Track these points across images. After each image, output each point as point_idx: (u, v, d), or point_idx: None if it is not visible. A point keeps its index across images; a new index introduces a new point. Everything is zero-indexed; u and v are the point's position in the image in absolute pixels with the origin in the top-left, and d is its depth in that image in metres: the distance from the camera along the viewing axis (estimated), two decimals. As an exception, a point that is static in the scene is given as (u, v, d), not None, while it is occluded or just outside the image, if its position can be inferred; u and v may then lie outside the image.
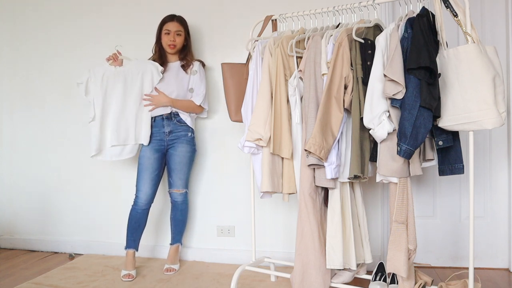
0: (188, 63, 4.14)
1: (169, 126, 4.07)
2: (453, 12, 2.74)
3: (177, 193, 4.14)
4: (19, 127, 5.01)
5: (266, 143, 3.18)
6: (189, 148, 4.13)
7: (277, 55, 3.18)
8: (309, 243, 3.07)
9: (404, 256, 2.80)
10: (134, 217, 4.05)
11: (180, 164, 4.10)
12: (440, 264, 3.99)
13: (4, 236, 5.09)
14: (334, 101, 2.92)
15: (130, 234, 4.07)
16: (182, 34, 4.10)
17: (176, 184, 4.13)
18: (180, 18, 4.12)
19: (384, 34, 2.82)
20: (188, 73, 4.14)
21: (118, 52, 4.14)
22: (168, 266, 4.10)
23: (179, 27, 4.08)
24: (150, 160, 4.02)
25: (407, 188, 2.83)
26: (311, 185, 3.04)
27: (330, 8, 3.27)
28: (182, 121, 4.10)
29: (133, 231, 4.06)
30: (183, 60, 4.15)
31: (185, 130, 4.11)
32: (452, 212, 3.97)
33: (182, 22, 4.12)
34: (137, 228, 4.07)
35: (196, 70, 4.14)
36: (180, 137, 4.09)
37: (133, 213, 4.05)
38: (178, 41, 4.08)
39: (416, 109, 2.62)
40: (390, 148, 2.78)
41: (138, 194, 4.03)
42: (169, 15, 4.10)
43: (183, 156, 4.10)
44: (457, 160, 2.87)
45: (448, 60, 2.70)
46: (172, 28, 4.04)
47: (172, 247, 4.22)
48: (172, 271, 4.07)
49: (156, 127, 4.08)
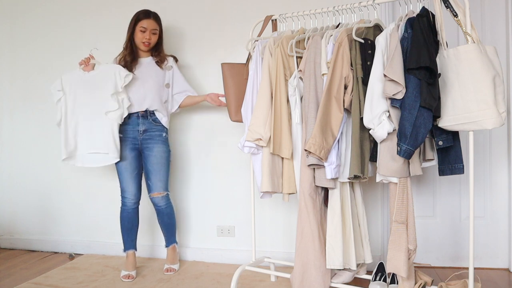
0: (162, 59, 4.07)
1: (144, 124, 3.98)
2: (453, 12, 2.74)
3: (159, 197, 4.04)
4: (19, 127, 5.01)
5: (266, 143, 3.18)
6: (165, 148, 4.06)
7: (277, 55, 3.18)
8: (309, 243, 3.07)
9: (404, 256, 2.80)
10: (125, 217, 4.04)
11: (158, 165, 4.01)
12: (440, 264, 3.99)
13: (4, 236, 5.10)
14: (334, 101, 2.92)
15: (126, 235, 4.07)
16: (157, 32, 4.01)
17: (156, 187, 4.03)
18: (156, 15, 4.02)
19: (384, 34, 2.82)
20: (163, 68, 4.06)
21: (91, 56, 4.04)
22: (168, 266, 4.10)
23: (156, 25, 3.99)
24: (128, 160, 3.97)
25: (407, 188, 2.83)
26: (311, 185, 3.05)
27: (330, 8, 3.27)
28: (157, 120, 4.02)
29: (128, 231, 4.06)
30: (157, 57, 4.07)
31: (160, 130, 4.04)
32: (452, 212, 3.98)
33: (158, 20, 4.03)
34: (132, 228, 4.06)
35: (171, 66, 4.09)
36: (154, 137, 4.01)
37: (124, 214, 4.04)
38: (153, 39, 4.00)
39: (416, 109, 2.62)
40: (390, 148, 2.78)
41: (124, 194, 4.01)
42: (144, 12, 3.99)
43: (160, 157, 4.01)
44: (457, 160, 2.87)
45: (448, 60, 2.70)
46: (148, 26, 3.94)
47: (168, 248, 4.20)
48: (172, 271, 4.07)
49: (130, 124, 3.99)
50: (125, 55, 4.03)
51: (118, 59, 4.07)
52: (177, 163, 4.46)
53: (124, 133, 3.99)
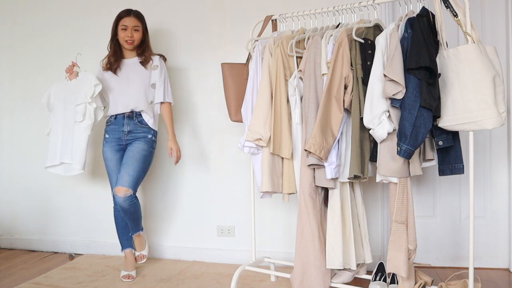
0: (147, 59, 4.00)
1: (129, 125, 3.93)
2: (453, 12, 2.75)
3: (121, 197, 3.74)
4: (19, 127, 5.02)
5: (266, 143, 3.18)
6: (145, 147, 3.91)
7: (277, 55, 3.19)
8: (309, 243, 3.08)
9: (404, 256, 2.81)
10: (119, 217, 4.00)
11: (132, 159, 3.83)
12: (440, 264, 3.99)
13: (4, 236, 5.10)
14: (334, 101, 2.92)
15: (121, 234, 4.05)
16: (139, 29, 3.96)
17: (121, 180, 3.77)
18: (137, 12, 3.98)
19: (384, 34, 2.83)
20: (148, 68, 3.99)
21: (74, 64, 4.01)
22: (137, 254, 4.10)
23: (137, 22, 3.94)
24: (113, 162, 3.95)
25: (407, 188, 2.84)
26: (311, 185, 3.05)
27: (330, 8, 3.28)
28: (143, 122, 3.95)
29: (122, 230, 4.04)
30: (141, 56, 4.01)
31: (145, 131, 3.95)
32: (452, 212, 3.98)
33: (139, 17, 3.98)
34: (126, 227, 4.03)
35: (157, 65, 4.00)
36: (139, 138, 3.93)
37: (117, 213, 4.01)
38: (136, 36, 3.94)
39: (416, 109, 2.62)
40: (390, 148, 2.79)
41: (112, 192, 3.98)
42: (125, 10, 3.96)
43: (136, 152, 3.86)
44: (457, 160, 2.87)
45: (448, 60, 2.71)
46: (129, 23, 3.90)
47: (134, 237, 4.06)
48: (143, 258, 4.10)
49: (115, 124, 3.95)
50: (109, 56, 4.03)
51: (104, 61, 4.06)
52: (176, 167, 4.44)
53: (109, 134, 3.98)
